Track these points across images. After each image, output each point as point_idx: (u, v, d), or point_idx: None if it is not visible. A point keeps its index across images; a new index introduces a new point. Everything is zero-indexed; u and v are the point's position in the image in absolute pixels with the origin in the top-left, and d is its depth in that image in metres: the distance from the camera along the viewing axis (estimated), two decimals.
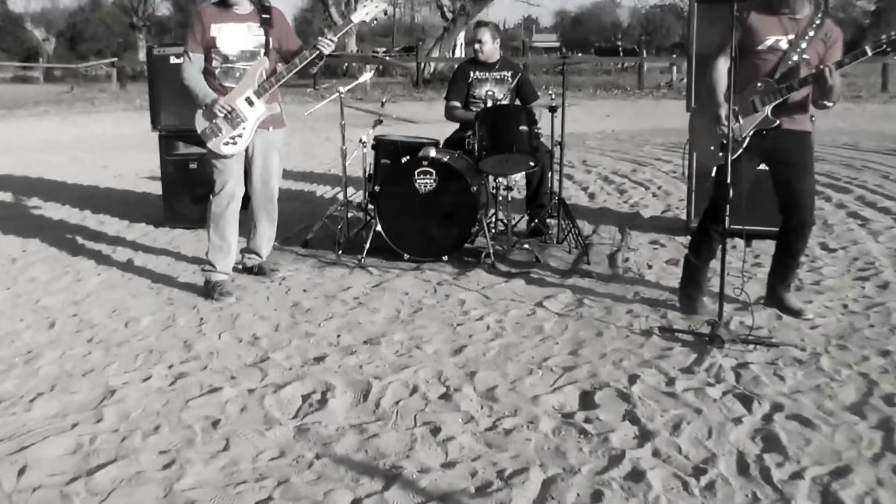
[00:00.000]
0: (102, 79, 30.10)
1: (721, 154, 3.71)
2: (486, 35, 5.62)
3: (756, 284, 4.36)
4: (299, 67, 4.38)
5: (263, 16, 4.47)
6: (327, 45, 4.35)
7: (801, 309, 3.98)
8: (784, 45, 3.78)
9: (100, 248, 5.54)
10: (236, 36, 4.41)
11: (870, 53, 3.60)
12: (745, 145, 3.81)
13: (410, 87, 22.30)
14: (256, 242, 4.76)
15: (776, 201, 3.91)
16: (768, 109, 3.78)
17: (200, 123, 4.40)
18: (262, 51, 4.42)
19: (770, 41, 3.78)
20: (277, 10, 4.56)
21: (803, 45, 3.76)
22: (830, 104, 3.73)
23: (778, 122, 3.79)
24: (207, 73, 4.43)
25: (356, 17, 4.48)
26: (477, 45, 5.63)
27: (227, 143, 4.37)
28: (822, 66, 3.64)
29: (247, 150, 4.47)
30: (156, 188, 6.98)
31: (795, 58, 3.76)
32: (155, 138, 6.16)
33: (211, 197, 4.46)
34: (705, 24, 5.28)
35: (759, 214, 4.44)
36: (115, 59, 29.17)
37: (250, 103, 4.39)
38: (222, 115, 4.33)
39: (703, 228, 4.01)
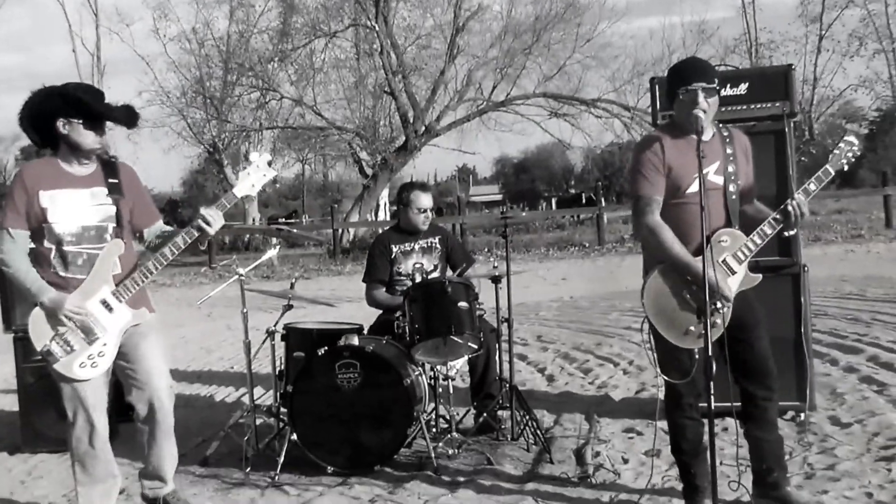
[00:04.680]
0: None
1: (698, 334, 3.72)
2: (429, 201, 5.93)
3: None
4: (175, 255, 4.01)
5: (110, 180, 4.06)
6: (213, 221, 3.98)
7: None
8: (717, 178, 3.87)
9: None
10: (75, 207, 3.99)
11: (832, 172, 3.94)
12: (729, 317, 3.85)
13: (327, 259, 22.75)
14: (156, 463, 4.32)
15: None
16: (744, 268, 3.90)
17: (40, 335, 3.91)
18: (111, 226, 4.05)
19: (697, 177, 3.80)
20: (128, 168, 4.23)
21: (731, 170, 3.89)
22: (793, 232, 3.99)
23: (760, 277, 3.94)
24: (38, 257, 4.00)
25: (239, 191, 4.17)
26: (421, 215, 5.87)
27: (83, 365, 3.97)
28: (789, 202, 3.82)
29: None
30: (9, 403, 6.90)
31: (733, 188, 3.90)
32: (8, 341, 6.05)
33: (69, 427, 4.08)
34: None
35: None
36: None
37: (108, 308, 3.99)
38: (71, 325, 3.92)
39: (669, 419, 4.07)
